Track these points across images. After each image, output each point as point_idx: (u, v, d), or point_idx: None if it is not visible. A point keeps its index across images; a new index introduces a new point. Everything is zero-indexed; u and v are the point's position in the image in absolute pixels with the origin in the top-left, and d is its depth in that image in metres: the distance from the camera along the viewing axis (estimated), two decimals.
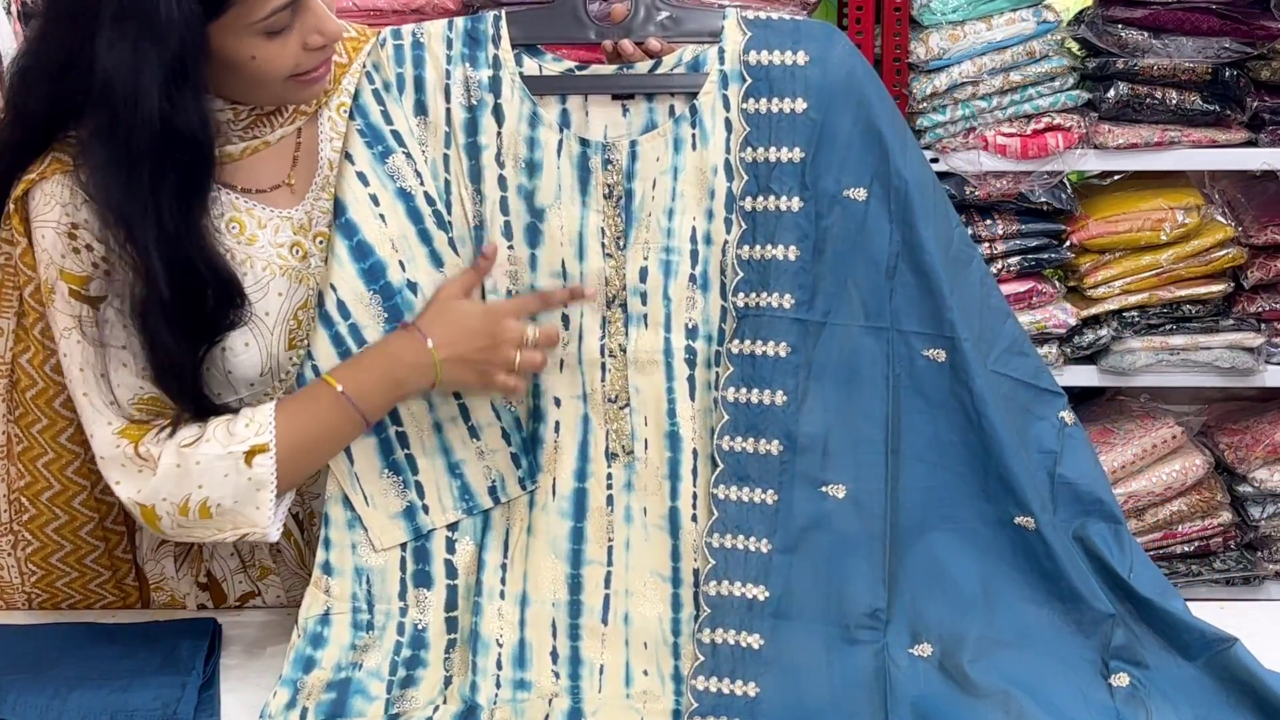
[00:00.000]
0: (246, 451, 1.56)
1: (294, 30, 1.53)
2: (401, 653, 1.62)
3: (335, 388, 1.60)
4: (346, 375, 1.61)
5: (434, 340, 1.60)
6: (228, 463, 1.55)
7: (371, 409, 1.61)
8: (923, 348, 1.63)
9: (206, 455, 1.55)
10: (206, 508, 1.56)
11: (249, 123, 1.63)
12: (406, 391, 1.63)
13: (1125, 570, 1.60)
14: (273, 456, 1.56)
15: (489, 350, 1.60)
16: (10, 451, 1.73)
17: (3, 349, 1.68)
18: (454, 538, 1.67)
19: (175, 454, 1.55)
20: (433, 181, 1.66)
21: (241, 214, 1.64)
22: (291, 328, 1.66)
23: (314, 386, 1.62)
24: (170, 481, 1.55)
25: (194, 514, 1.56)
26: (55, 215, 1.54)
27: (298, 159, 1.69)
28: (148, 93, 1.43)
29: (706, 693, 1.55)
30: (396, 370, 1.61)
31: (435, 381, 1.61)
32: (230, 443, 1.56)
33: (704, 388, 1.66)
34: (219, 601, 1.84)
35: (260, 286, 1.63)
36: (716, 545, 1.61)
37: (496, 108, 1.65)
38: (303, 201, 1.68)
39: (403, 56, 1.66)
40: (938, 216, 1.66)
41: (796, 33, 1.65)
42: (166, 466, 1.55)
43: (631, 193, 1.65)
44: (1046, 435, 1.67)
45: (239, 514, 1.57)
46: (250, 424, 1.57)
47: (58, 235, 1.55)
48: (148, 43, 1.43)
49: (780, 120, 1.63)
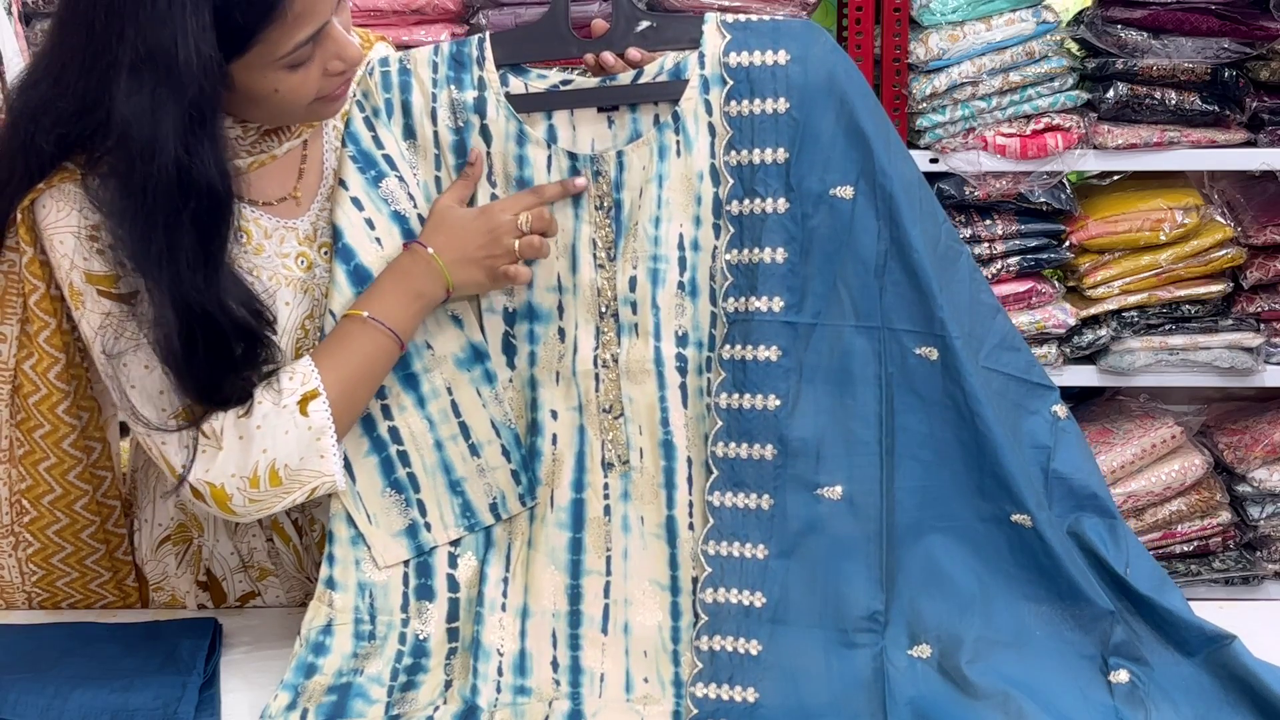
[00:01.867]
0: (299, 401, 1.56)
1: (315, 60, 1.52)
2: (403, 660, 1.62)
3: (361, 314, 1.60)
4: (367, 302, 1.62)
5: (434, 248, 1.61)
6: (285, 417, 1.55)
7: (401, 326, 1.62)
8: (914, 346, 1.62)
9: (263, 417, 1.55)
10: (275, 472, 1.56)
11: (257, 138, 1.64)
12: (427, 301, 1.63)
13: (1121, 566, 1.60)
14: (325, 400, 1.57)
15: (489, 245, 1.62)
16: (12, 455, 1.73)
17: (6, 355, 1.68)
18: (456, 553, 1.67)
19: (235, 426, 1.55)
20: (426, 204, 1.67)
21: (248, 223, 1.64)
22: (298, 338, 1.67)
23: (341, 324, 1.62)
24: (236, 454, 1.55)
25: (264, 482, 1.56)
26: (73, 220, 1.54)
27: (303, 170, 1.70)
28: (165, 142, 1.41)
29: (706, 699, 1.55)
30: (411, 283, 1.62)
31: (449, 286, 1.62)
32: (280, 398, 1.56)
33: (696, 395, 1.65)
34: (219, 601, 1.84)
35: (267, 296, 1.62)
36: (712, 553, 1.61)
37: (483, 128, 1.65)
38: (308, 213, 1.69)
39: (389, 82, 1.66)
40: (925, 214, 1.65)
41: (776, 32, 1.64)
42: (230, 441, 1.55)
43: (620, 203, 1.65)
44: (1040, 430, 1.66)
45: (305, 469, 1.57)
46: (294, 377, 1.57)
47: (78, 240, 1.54)
48: (166, 90, 1.41)
49: (762, 121, 1.62)
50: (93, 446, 1.72)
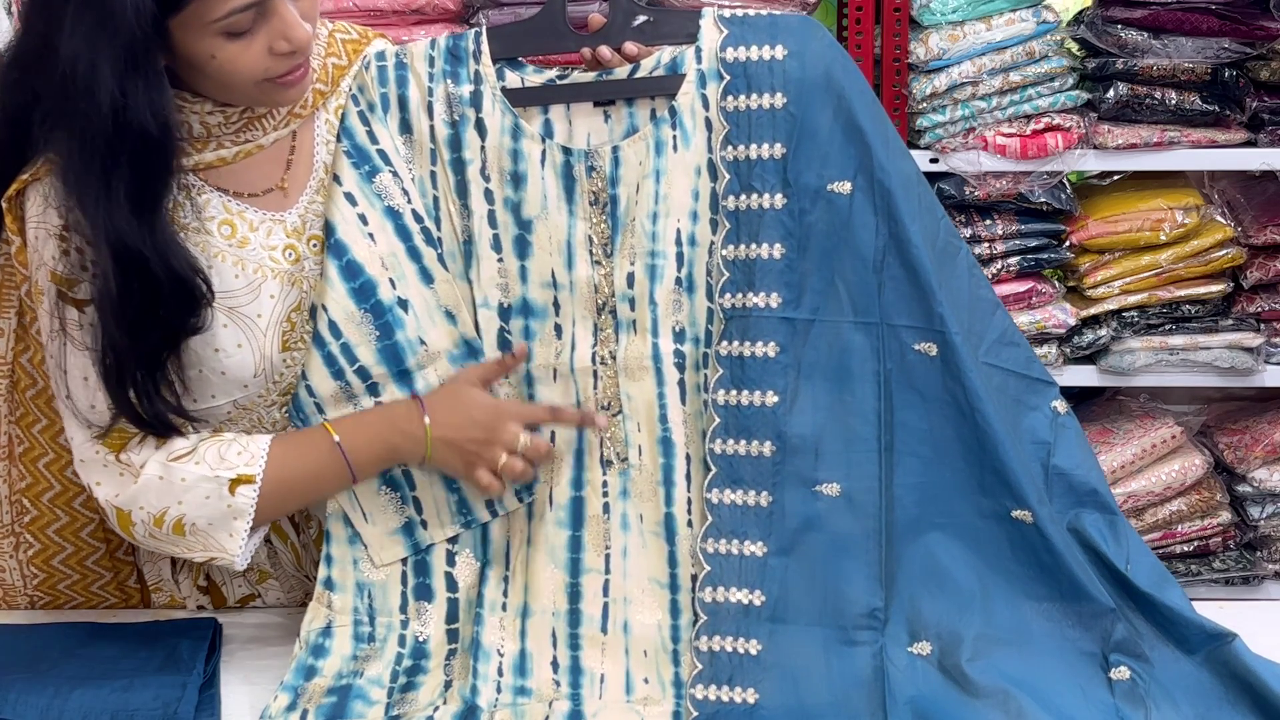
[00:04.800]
0: (232, 479, 1.57)
1: (258, 35, 1.52)
2: (402, 662, 1.62)
3: (333, 438, 1.61)
4: (346, 428, 1.62)
5: (432, 418, 1.61)
6: (211, 485, 1.57)
7: (362, 467, 1.62)
8: (913, 342, 1.61)
9: (192, 474, 1.57)
10: (181, 525, 1.58)
11: (240, 125, 1.63)
12: (398, 459, 1.64)
13: (1122, 562, 1.59)
14: (256, 489, 1.58)
15: (481, 445, 1.61)
16: (11, 453, 1.73)
17: (4, 349, 1.69)
18: (454, 550, 1.67)
19: (161, 466, 1.57)
20: (420, 199, 1.67)
21: (233, 216, 1.64)
22: (285, 330, 1.66)
23: (313, 432, 1.63)
24: (151, 492, 1.57)
25: (168, 528, 1.58)
26: (49, 218, 1.55)
27: (291, 162, 1.69)
28: (103, 82, 1.44)
29: (706, 701, 1.55)
30: (393, 436, 1.62)
31: (425, 458, 1.62)
32: (219, 467, 1.57)
33: (694, 391, 1.65)
34: (219, 603, 1.84)
35: (252, 289, 1.63)
36: (711, 551, 1.61)
37: (479, 122, 1.65)
38: (296, 205, 1.68)
39: (386, 77, 1.66)
40: (923, 209, 1.64)
41: (774, 27, 1.63)
42: (149, 477, 1.57)
43: (616, 198, 1.64)
44: (1040, 426, 1.65)
45: (211, 538, 1.59)
46: (243, 453, 1.59)
47: (49, 236, 1.56)
48: (103, 33, 1.44)
49: (759, 116, 1.62)
50: None
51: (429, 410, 1.61)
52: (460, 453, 1.61)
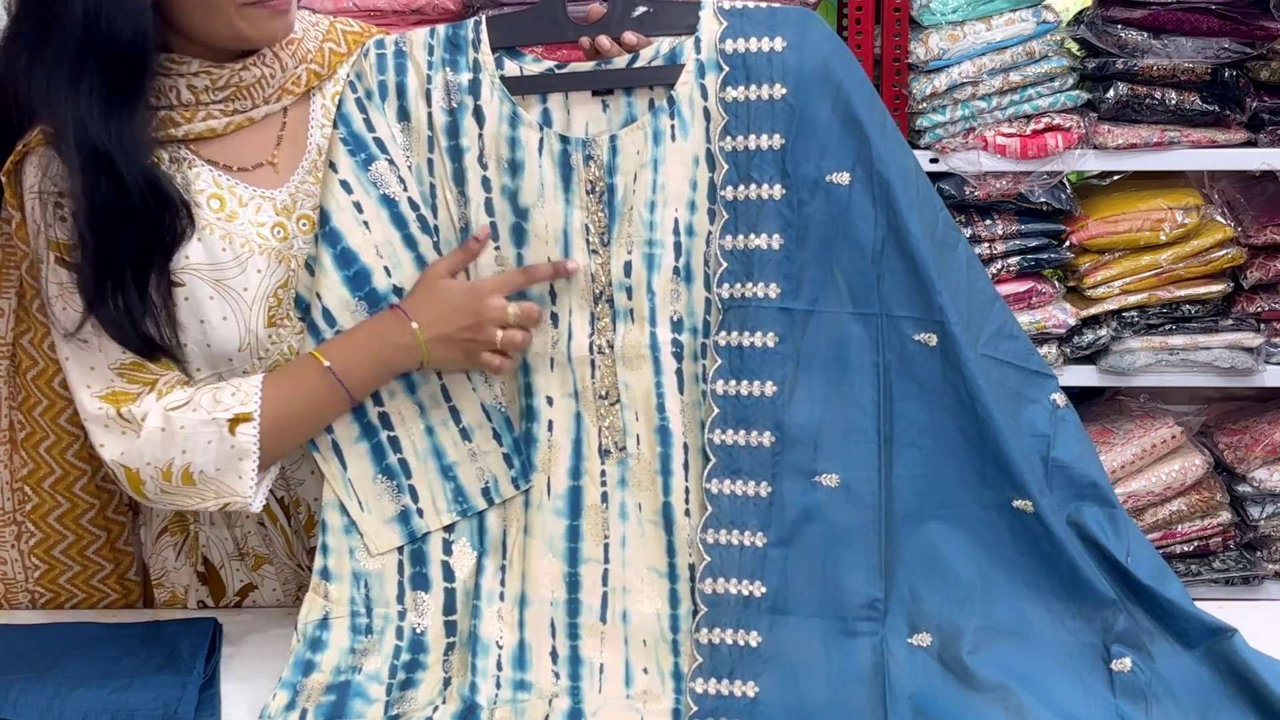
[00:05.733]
0: (230, 419, 1.58)
1: None
2: (400, 656, 1.62)
3: (323, 363, 1.61)
4: (335, 352, 1.62)
5: (419, 321, 1.61)
6: (211, 429, 1.58)
7: (358, 387, 1.63)
8: (913, 332, 1.61)
9: (191, 420, 1.57)
10: (189, 474, 1.58)
11: (229, 94, 1.65)
12: (394, 370, 1.64)
13: (1122, 554, 1.59)
14: (256, 426, 1.59)
15: (473, 329, 1.61)
16: (13, 438, 1.75)
17: (4, 330, 1.70)
18: (450, 539, 1.67)
19: (160, 417, 1.58)
20: (417, 187, 1.67)
21: (223, 191, 1.66)
22: (271, 305, 1.67)
23: (302, 361, 1.63)
24: (154, 445, 1.58)
25: (177, 479, 1.59)
26: (45, 185, 1.58)
27: (283, 138, 1.71)
28: None
29: (706, 695, 1.55)
30: (384, 350, 1.62)
31: (424, 361, 1.63)
32: (215, 410, 1.58)
33: (692, 381, 1.66)
34: (218, 595, 1.84)
35: (239, 262, 1.65)
36: (711, 541, 1.61)
37: (477, 110, 1.65)
38: (287, 183, 1.70)
39: (385, 64, 1.67)
40: (922, 201, 1.65)
41: (773, 19, 1.64)
42: (151, 429, 1.58)
43: (614, 187, 1.65)
44: (1039, 418, 1.65)
45: (221, 482, 1.59)
46: (236, 393, 1.60)
47: (44, 204, 1.58)
48: None
49: (759, 107, 1.62)
50: None
51: (413, 314, 1.61)
52: (456, 344, 1.62)
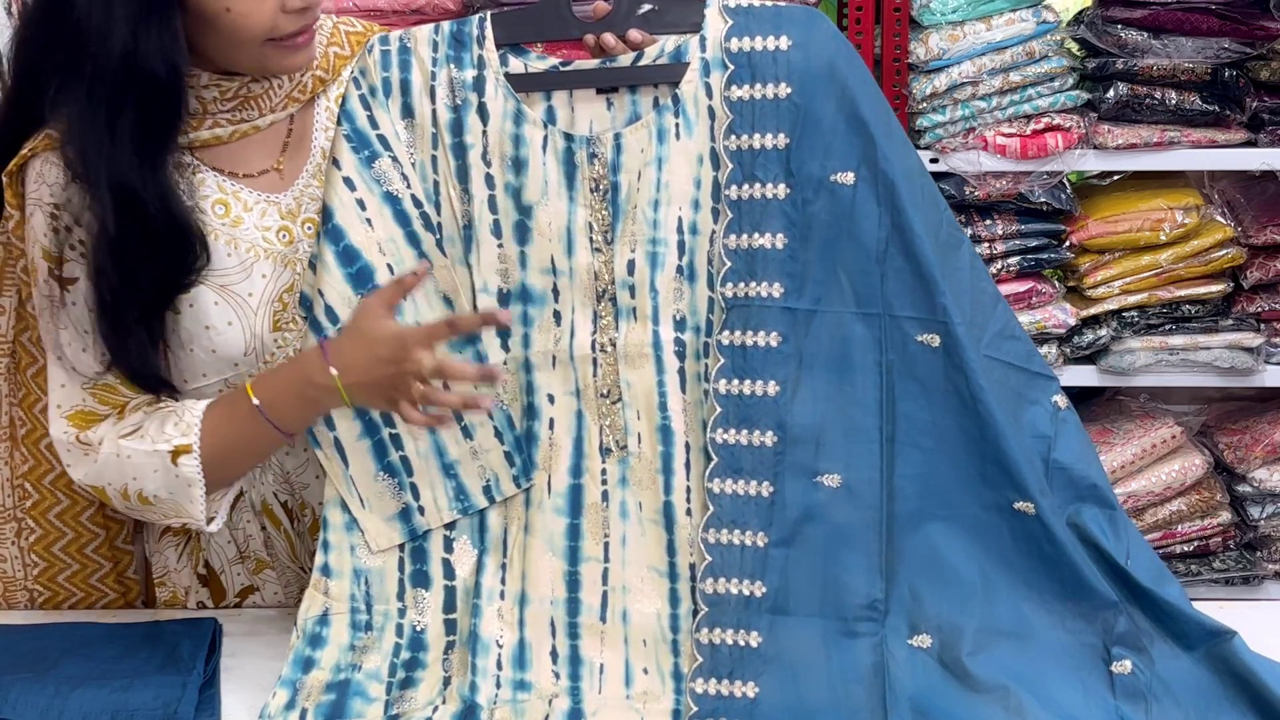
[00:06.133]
0: (171, 451, 1.59)
1: None
2: (400, 655, 1.62)
3: (252, 401, 1.60)
4: (264, 388, 1.61)
5: (338, 366, 1.55)
6: (156, 459, 1.60)
7: (289, 424, 1.61)
8: (916, 333, 1.61)
9: (137, 450, 1.60)
10: (145, 497, 1.61)
11: (236, 104, 1.65)
12: (322, 409, 1.62)
13: (1122, 556, 1.59)
14: (196, 457, 1.60)
15: (394, 378, 1.53)
16: (13, 435, 1.75)
17: (5, 328, 1.70)
18: (451, 537, 1.67)
19: (114, 444, 1.60)
20: (420, 184, 1.67)
21: (228, 196, 1.66)
22: (276, 310, 1.68)
23: (237, 395, 1.63)
24: (110, 469, 1.61)
25: (135, 500, 1.62)
26: (43, 194, 1.58)
27: (288, 144, 1.71)
28: (117, 28, 1.49)
29: (706, 695, 1.55)
30: (307, 390, 1.59)
31: (346, 404, 1.58)
32: (159, 440, 1.60)
33: (694, 380, 1.65)
34: (218, 596, 1.84)
35: (244, 268, 1.65)
36: (712, 541, 1.61)
37: (481, 107, 1.65)
38: (292, 187, 1.70)
39: (389, 61, 1.67)
40: (926, 201, 1.64)
41: (779, 17, 1.64)
42: (106, 454, 1.60)
43: (617, 185, 1.65)
44: (1040, 420, 1.65)
45: (176, 504, 1.62)
46: (179, 423, 1.61)
47: (43, 214, 1.59)
48: None
49: (763, 106, 1.62)
50: None
51: (333, 358, 1.55)
52: (376, 391, 1.55)
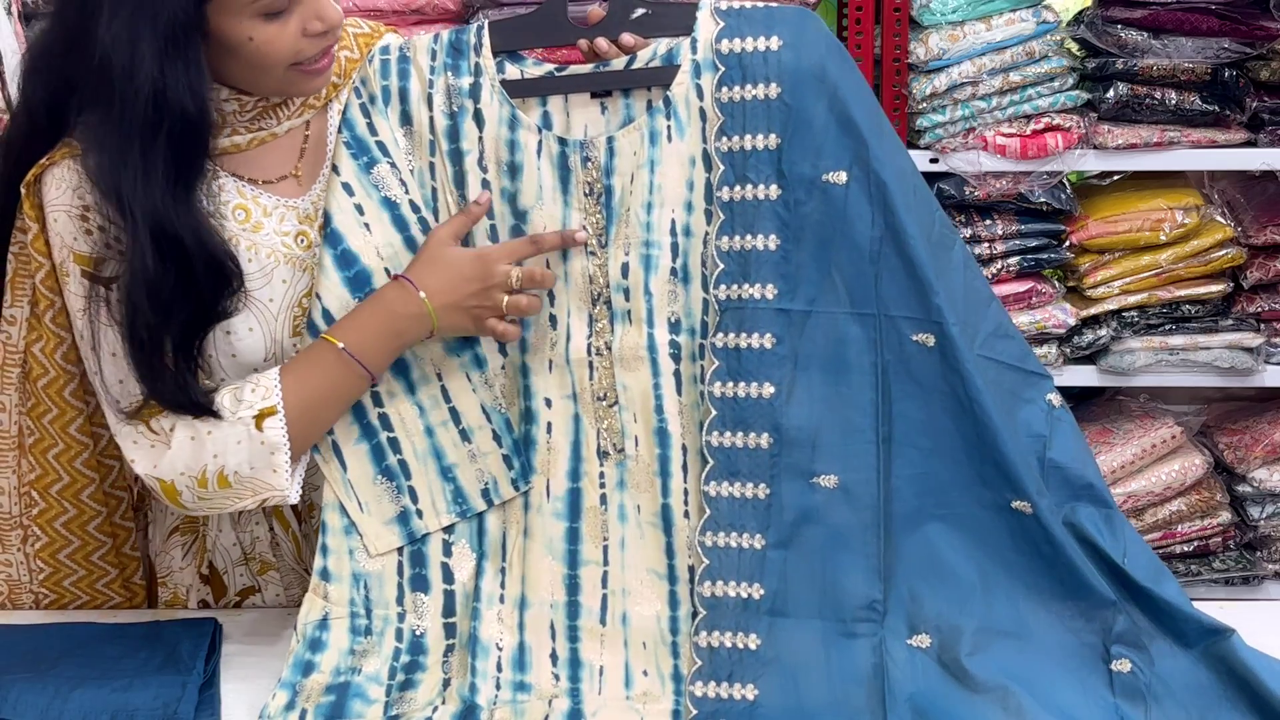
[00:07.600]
0: (255, 416, 1.58)
1: (293, 15, 1.56)
2: (400, 658, 1.62)
3: (336, 345, 1.61)
4: (347, 331, 1.62)
5: (426, 290, 1.61)
6: (239, 429, 1.58)
7: (375, 362, 1.62)
8: (911, 333, 1.61)
9: (217, 425, 1.57)
10: (224, 476, 1.59)
11: (255, 114, 1.66)
12: (407, 341, 1.64)
13: (1119, 555, 1.59)
14: (282, 419, 1.58)
15: (480, 295, 1.61)
16: (22, 444, 1.75)
17: (16, 338, 1.70)
18: (450, 541, 1.67)
19: (188, 426, 1.58)
20: (419, 190, 1.67)
21: (247, 201, 1.67)
22: (295, 315, 1.68)
23: (316, 346, 1.63)
24: (185, 454, 1.58)
25: (213, 484, 1.59)
26: (67, 199, 1.58)
27: (305, 150, 1.72)
28: (143, 65, 1.48)
29: (705, 698, 1.55)
30: (395, 322, 1.62)
31: (434, 329, 1.63)
32: (239, 409, 1.58)
33: (690, 382, 1.65)
34: (219, 596, 1.84)
35: (264, 273, 1.66)
36: (710, 544, 1.61)
37: (477, 113, 1.65)
38: (309, 192, 1.71)
39: (389, 70, 1.67)
40: (918, 200, 1.64)
41: (770, 18, 1.63)
42: (180, 440, 1.58)
43: (611, 189, 1.65)
44: (1035, 419, 1.65)
45: (257, 479, 1.59)
46: (256, 389, 1.59)
47: (70, 218, 1.58)
48: (143, 18, 1.48)
49: (754, 107, 1.62)
50: (100, 433, 1.73)
51: (419, 283, 1.61)
52: (464, 311, 1.62)
